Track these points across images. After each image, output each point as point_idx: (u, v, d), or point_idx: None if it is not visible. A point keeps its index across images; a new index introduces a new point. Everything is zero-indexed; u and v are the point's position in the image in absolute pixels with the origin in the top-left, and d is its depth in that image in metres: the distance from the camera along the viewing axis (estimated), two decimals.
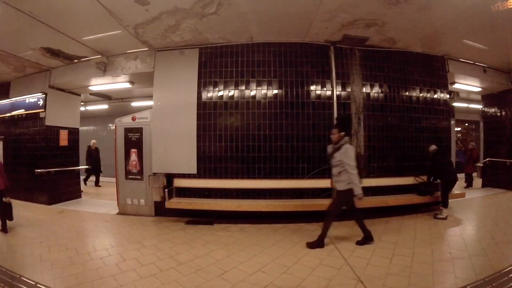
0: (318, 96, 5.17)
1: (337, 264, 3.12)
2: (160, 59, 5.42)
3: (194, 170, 5.14)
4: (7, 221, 4.35)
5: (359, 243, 3.69)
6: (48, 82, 6.29)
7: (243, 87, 5.18)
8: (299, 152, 5.05)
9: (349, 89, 5.24)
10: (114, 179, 5.88)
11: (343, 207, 3.74)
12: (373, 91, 5.33)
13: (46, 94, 6.30)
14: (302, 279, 2.80)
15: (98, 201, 6.88)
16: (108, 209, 5.86)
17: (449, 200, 5.58)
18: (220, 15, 4.22)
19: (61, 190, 6.59)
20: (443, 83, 5.78)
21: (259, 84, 5.18)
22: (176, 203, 4.87)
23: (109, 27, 4.49)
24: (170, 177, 5.15)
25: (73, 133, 7.07)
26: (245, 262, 3.25)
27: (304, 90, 5.16)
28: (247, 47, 5.24)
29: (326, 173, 5.06)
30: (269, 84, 5.17)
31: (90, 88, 6.78)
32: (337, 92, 5.18)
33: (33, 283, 2.71)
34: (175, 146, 5.21)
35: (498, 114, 7.56)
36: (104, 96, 9.42)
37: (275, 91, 5.16)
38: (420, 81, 5.57)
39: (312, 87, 5.19)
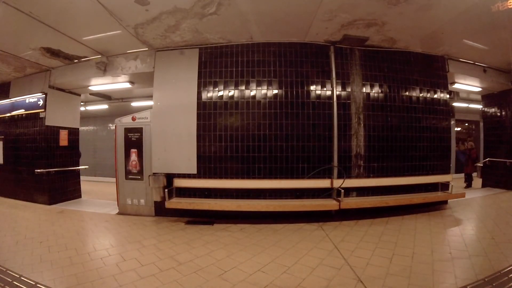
0: (318, 96, 5.18)
1: (337, 264, 3.12)
2: (160, 59, 5.42)
3: (194, 170, 5.14)
4: None
5: None
6: (48, 82, 6.29)
7: (243, 87, 5.18)
8: (299, 152, 5.05)
9: (349, 89, 5.24)
10: (114, 179, 5.88)
11: None
12: (373, 91, 5.33)
13: (46, 94, 6.30)
14: (302, 279, 2.80)
15: (98, 201, 6.88)
16: (108, 209, 5.87)
17: (449, 200, 5.63)
18: (220, 15, 4.22)
19: (61, 190, 6.59)
20: (443, 83, 5.78)
21: (259, 84, 5.18)
22: (176, 203, 4.87)
23: (109, 27, 4.49)
24: (170, 177, 5.15)
25: (73, 133, 7.06)
26: (245, 262, 3.25)
27: (304, 90, 5.16)
28: (247, 47, 5.24)
29: (326, 173, 5.08)
30: (269, 84, 5.17)
31: (90, 88, 6.78)
32: (337, 92, 5.18)
33: (33, 283, 2.70)
34: (175, 146, 5.21)
35: (498, 114, 7.56)
36: (104, 96, 9.42)
37: (275, 91, 5.16)
38: (420, 81, 5.57)
39: (312, 87, 5.19)
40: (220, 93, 5.20)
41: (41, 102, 6.31)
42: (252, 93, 5.17)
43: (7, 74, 6.48)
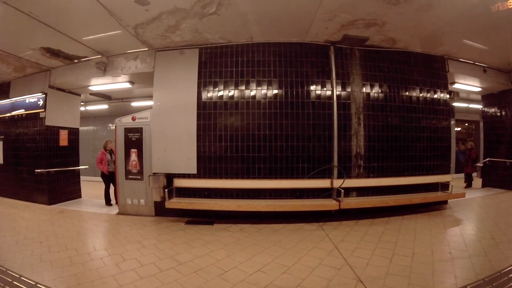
0: (318, 96, 5.17)
1: (337, 264, 3.12)
2: (160, 59, 5.42)
3: (194, 170, 5.14)
4: None
5: None
6: (48, 82, 6.30)
7: (243, 87, 5.18)
8: (299, 152, 5.05)
9: (349, 89, 5.24)
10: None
11: None
12: (373, 91, 5.33)
13: (46, 94, 6.30)
14: (302, 279, 2.80)
15: (98, 201, 6.87)
16: (108, 209, 5.88)
17: (449, 200, 5.62)
18: (220, 15, 4.22)
19: (61, 190, 6.60)
20: (443, 83, 5.78)
21: (259, 84, 5.18)
22: (176, 203, 4.87)
23: (109, 27, 4.49)
24: (170, 177, 5.15)
25: (73, 133, 7.07)
26: (245, 262, 3.25)
27: (304, 90, 5.16)
28: (247, 47, 5.24)
29: (326, 173, 5.08)
30: (269, 84, 5.17)
31: (90, 88, 6.78)
32: (337, 92, 5.18)
33: (33, 283, 2.70)
34: (175, 146, 5.21)
35: (498, 114, 7.56)
36: (104, 96, 9.42)
37: (275, 91, 5.15)
38: (420, 81, 5.57)
39: (312, 87, 5.19)
40: (220, 93, 5.20)
41: (41, 102, 6.31)
42: (252, 93, 5.16)
43: (7, 74, 6.48)
